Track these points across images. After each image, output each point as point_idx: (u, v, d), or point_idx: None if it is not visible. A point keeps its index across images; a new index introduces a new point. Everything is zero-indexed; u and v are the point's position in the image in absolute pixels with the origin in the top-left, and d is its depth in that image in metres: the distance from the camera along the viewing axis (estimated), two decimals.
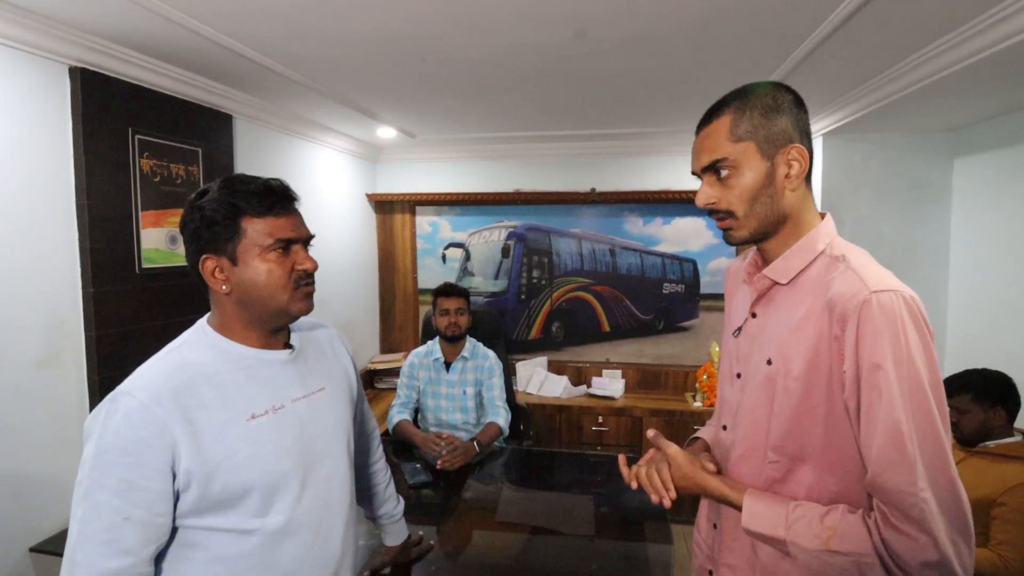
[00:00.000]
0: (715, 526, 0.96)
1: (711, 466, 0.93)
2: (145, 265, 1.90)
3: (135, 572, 0.81)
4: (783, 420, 0.83)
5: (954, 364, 2.69)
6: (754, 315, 0.93)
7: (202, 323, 0.97)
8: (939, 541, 0.69)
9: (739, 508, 0.85)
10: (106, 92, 1.76)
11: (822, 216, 0.89)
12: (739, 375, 0.94)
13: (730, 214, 0.86)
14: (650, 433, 1.00)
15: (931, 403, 0.72)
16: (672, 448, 0.94)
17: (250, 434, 0.89)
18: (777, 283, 0.88)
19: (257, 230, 0.90)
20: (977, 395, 1.74)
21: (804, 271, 0.85)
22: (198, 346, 0.93)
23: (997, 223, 2.47)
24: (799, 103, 0.86)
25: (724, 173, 0.84)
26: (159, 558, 0.87)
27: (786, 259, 0.86)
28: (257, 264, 0.90)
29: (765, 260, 0.92)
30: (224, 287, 0.91)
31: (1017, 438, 1.72)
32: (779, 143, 0.83)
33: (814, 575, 0.79)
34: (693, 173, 0.91)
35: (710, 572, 0.98)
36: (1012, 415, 1.74)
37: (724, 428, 0.96)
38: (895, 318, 0.72)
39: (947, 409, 0.75)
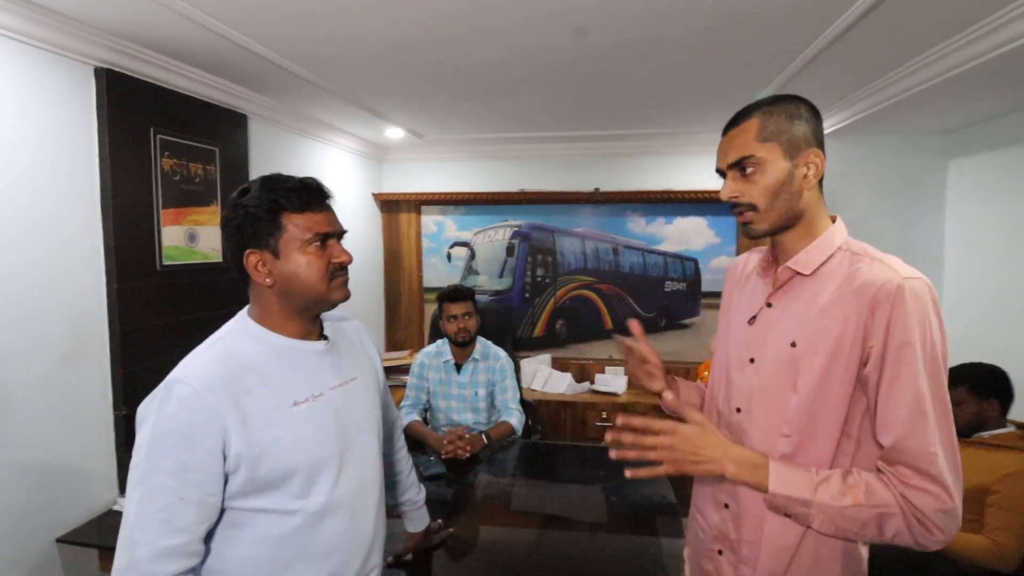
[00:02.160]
0: (727, 506, 1.01)
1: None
2: (165, 262, 1.94)
3: (190, 549, 0.86)
4: (804, 397, 0.90)
5: (949, 359, 2.76)
6: (769, 304, 0.99)
7: (242, 315, 1.01)
8: (950, 490, 0.80)
9: (758, 482, 0.89)
10: (130, 92, 1.80)
11: (832, 218, 0.97)
12: (752, 360, 0.99)
13: (752, 207, 0.93)
14: (667, 396, 1.05)
15: (944, 375, 0.84)
16: (698, 416, 0.94)
17: (293, 420, 0.94)
18: (799, 274, 0.94)
19: (297, 225, 0.95)
20: (972, 387, 1.81)
21: (825, 264, 0.93)
22: (240, 336, 0.97)
23: (990, 222, 2.55)
24: (816, 114, 0.94)
25: (749, 170, 0.92)
26: (207, 538, 0.91)
27: (808, 253, 0.94)
28: (298, 257, 0.95)
29: (779, 255, 0.99)
30: (267, 280, 0.96)
31: (1010, 429, 1.79)
32: (800, 146, 0.91)
33: (835, 533, 0.86)
34: (718, 170, 0.98)
35: (719, 552, 1.02)
36: (1005, 407, 1.81)
37: (738, 411, 1.01)
38: (923, 302, 0.83)
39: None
